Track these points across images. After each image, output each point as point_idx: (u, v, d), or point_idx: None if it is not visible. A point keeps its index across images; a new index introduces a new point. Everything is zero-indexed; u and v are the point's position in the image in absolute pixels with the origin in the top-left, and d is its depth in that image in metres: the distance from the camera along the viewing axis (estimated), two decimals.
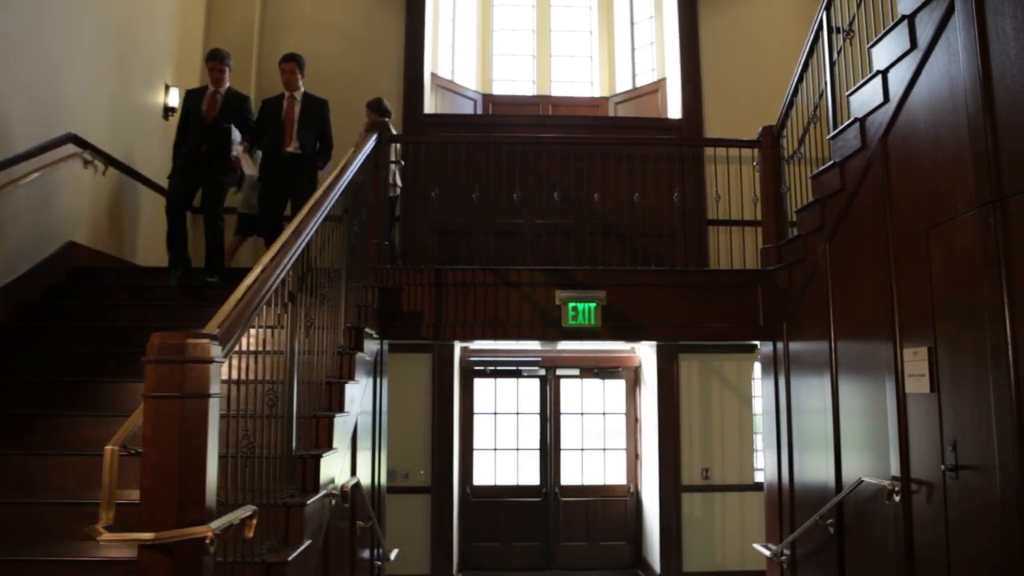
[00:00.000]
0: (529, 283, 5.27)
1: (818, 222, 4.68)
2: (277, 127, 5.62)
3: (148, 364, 2.08)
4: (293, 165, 5.56)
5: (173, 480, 2.02)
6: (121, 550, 2.84)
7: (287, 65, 5.68)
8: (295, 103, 5.69)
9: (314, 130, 5.68)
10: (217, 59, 5.55)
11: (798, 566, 4.99)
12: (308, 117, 5.65)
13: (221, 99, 5.54)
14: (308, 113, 5.66)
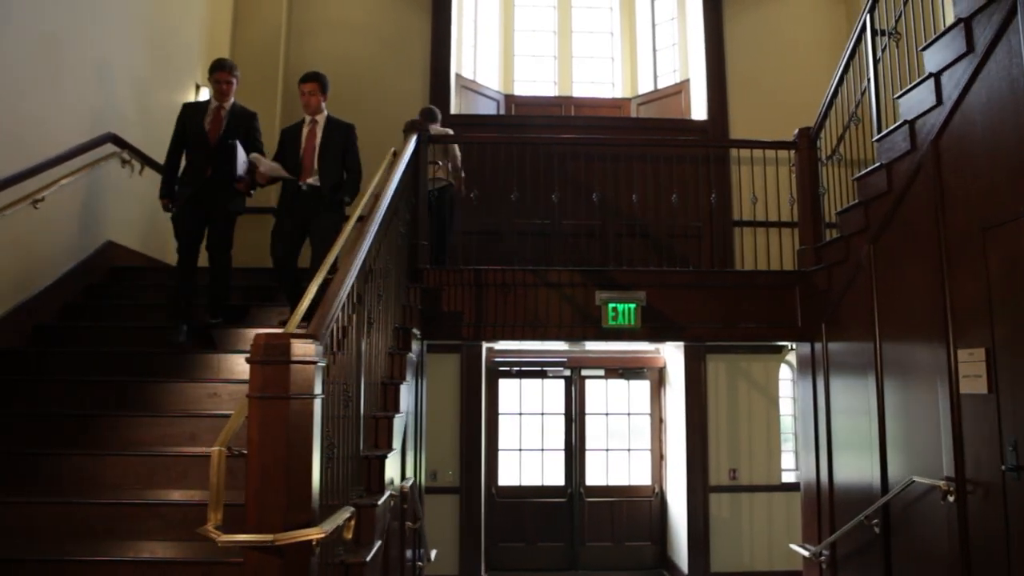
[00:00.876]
0: (569, 283, 5.27)
1: (862, 223, 4.69)
2: (295, 158, 4.84)
3: (253, 365, 2.08)
4: (312, 201, 4.74)
5: (281, 482, 2.02)
6: (184, 551, 2.84)
7: (307, 86, 4.85)
8: (316, 129, 4.89)
9: (338, 159, 4.86)
10: (224, 69, 4.84)
11: (838, 566, 5.00)
12: (331, 144, 4.85)
13: (226, 116, 4.86)
14: (330, 140, 4.86)
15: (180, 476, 3.37)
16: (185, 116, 4.86)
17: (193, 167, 4.77)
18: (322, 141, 4.85)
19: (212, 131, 4.80)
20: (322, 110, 4.94)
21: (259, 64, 7.36)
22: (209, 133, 4.80)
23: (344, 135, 4.91)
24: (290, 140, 4.92)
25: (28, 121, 4.49)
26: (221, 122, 4.85)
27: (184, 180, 4.78)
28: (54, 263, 4.78)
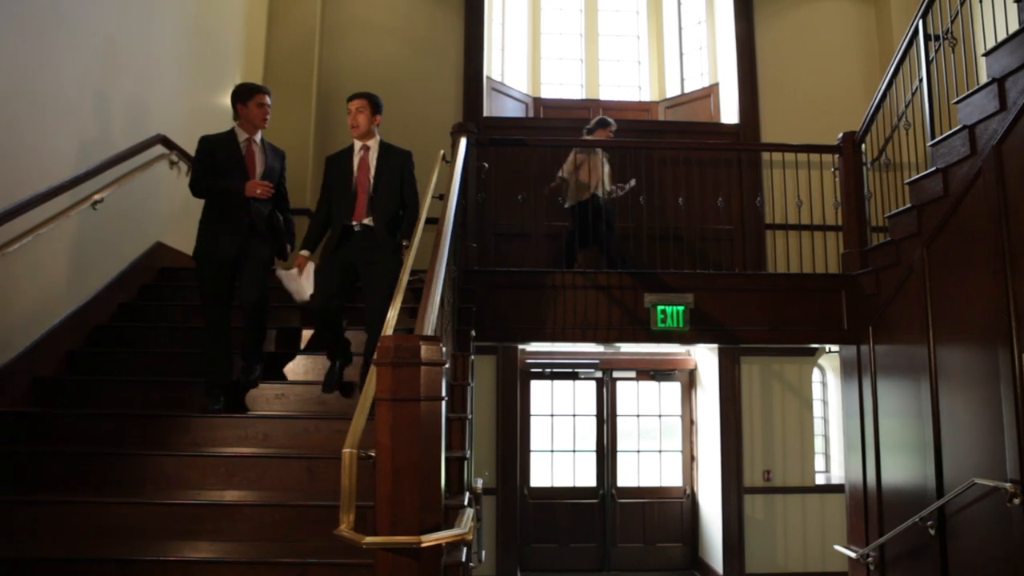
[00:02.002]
0: (618, 286, 5.30)
1: (914, 228, 4.73)
2: (345, 192, 4.12)
3: (383, 367, 2.09)
4: (365, 244, 4.06)
5: (415, 484, 2.04)
6: (279, 551, 2.86)
7: (355, 103, 4.15)
8: (368, 158, 4.18)
9: (394, 194, 4.14)
10: (265, 91, 4.19)
11: (887, 568, 5.03)
12: (386, 176, 4.14)
13: (262, 152, 4.20)
14: (385, 171, 4.15)
15: (259, 476, 3.39)
16: (208, 152, 4.11)
17: (230, 215, 4.04)
18: (376, 173, 4.15)
19: (251, 170, 4.13)
20: (373, 134, 4.21)
21: (294, 65, 7.39)
22: (250, 172, 4.13)
23: (400, 164, 4.20)
24: (338, 173, 4.20)
25: (90, 122, 4.51)
26: (256, 160, 4.16)
27: (219, 229, 4.02)
28: (109, 264, 4.79)
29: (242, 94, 4.15)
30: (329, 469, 3.32)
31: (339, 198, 4.15)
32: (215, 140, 4.16)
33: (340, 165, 4.24)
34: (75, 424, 3.72)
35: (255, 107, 4.14)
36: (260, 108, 4.16)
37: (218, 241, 4.00)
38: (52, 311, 4.19)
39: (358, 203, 4.11)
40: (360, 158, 4.20)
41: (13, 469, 3.42)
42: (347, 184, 4.16)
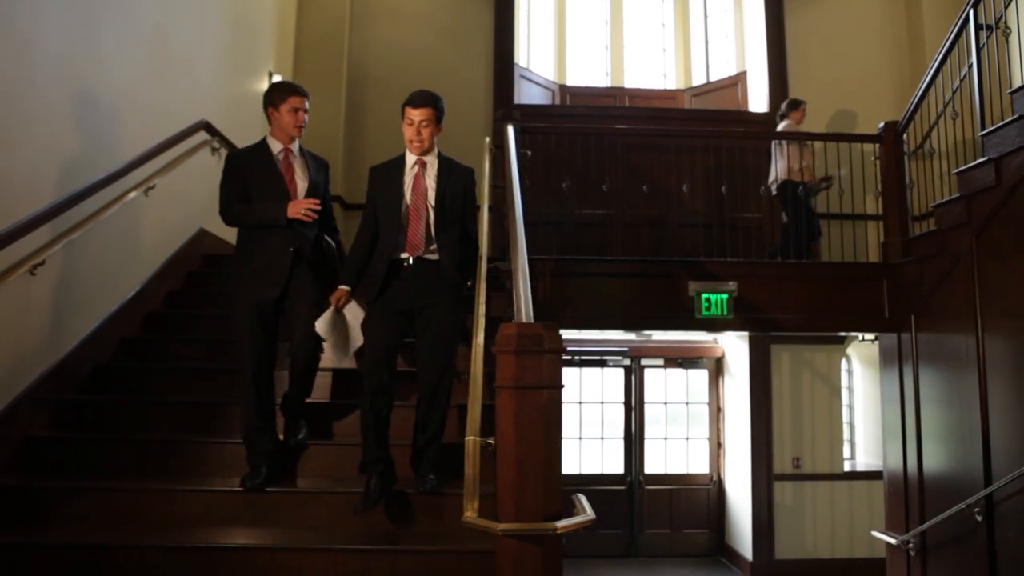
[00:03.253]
0: (663, 274, 5.31)
1: (963, 217, 4.74)
2: (394, 218, 3.32)
3: (505, 355, 2.10)
4: (422, 281, 3.27)
5: (540, 471, 2.06)
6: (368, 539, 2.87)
7: (418, 112, 3.34)
8: (425, 176, 3.38)
9: (457, 221, 3.38)
10: (302, 93, 3.52)
11: (928, 554, 5.08)
12: (448, 200, 3.37)
13: (303, 165, 3.55)
14: (448, 193, 3.37)
15: (332, 464, 3.40)
16: (237, 167, 3.50)
17: (270, 245, 3.37)
18: (438, 196, 3.35)
19: (291, 188, 3.46)
20: (434, 147, 3.43)
21: (323, 52, 7.34)
22: (291, 193, 3.45)
23: (464, 184, 3.45)
24: (388, 193, 3.37)
25: (142, 109, 4.50)
26: (295, 173, 3.51)
27: (259, 264, 3.36)
28: (157, 252, 4.79)
29: (273, 97, 3.47)
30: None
31: (387, 225, 3.33)
32: (245, 155, 3.51)
33: (388, 182, 3.40)
34: (132, 411, 3.73)
35: (288, 113, 3.44)
36: (294, 114, 3.44)
37: (259, 279, 3.32)
38: (109, 298, 4.19)
39: (411, 232, 3.30)
40: (414, 176, 3.37)
41: (74, 455, 3.44)
42: (396, 208, 3.33)
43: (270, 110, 3.49)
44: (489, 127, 7.33)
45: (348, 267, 3.46)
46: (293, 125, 3.47)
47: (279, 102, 3.46)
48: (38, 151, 3.51)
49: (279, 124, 3.48)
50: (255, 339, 3.28)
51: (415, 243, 3.30)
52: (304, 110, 3.49)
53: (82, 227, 3.74)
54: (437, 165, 3.44)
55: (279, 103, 3.46)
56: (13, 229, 3.18)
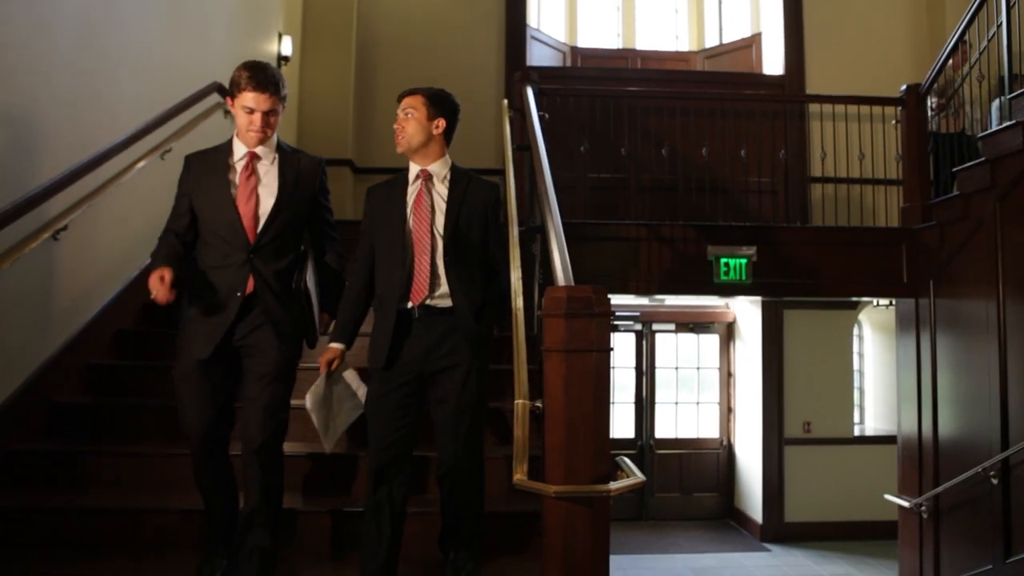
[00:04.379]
0: (681, 238, 5.29)
1: (987, 182, 4.70)
2: (393, 252, 2.61)
3: (553, 318, 2.09)
4: (435, 336, 2.56)
5: (590, 434, 2.05)
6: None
7: (405, 101, 2.71)
8: (430, 194, 2.66)
9: (475, 252, 2.67)
10: (262, 88, 2.52)
11: (942, 516, 5.13)
12: (464, 224, 2.65)
13: (276, 173, 2.62)
14: (463, 216, 2.65)
15: None
16: (191, 179, 2.66)
17: (214, 282, 2.54)
18: (449, 220, 2.61)
19: (249, 207, 2.55)
20: (439, 153, 2.70)
21: (332, 12, 7.19)
22: (243, 214, 2.54)
23: (484, 204, 2.71)
24: (387, 217, 2.65)
25: (157, 71, 4.43)
26: (254, 185, 2.58)
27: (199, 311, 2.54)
28: None
29: (230, 86, 2.58)
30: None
31: (385, 262, 2.61)
32: (199, 159, 2.67)
33: (387, 204, 2.66)
34: (158, 376, 3.72)
35: (241, 112, 2.54)
36: (247, 115, 2.52)
37: (196, 329, 2.52)
38: (131, 263, 4.17)
39: (417, 271, 2.56)
40: (417, 195, 2.63)
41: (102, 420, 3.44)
42: (395, 238, 2.60)
43: (228, 100, 2.63)
44: (501, 89, 7.24)
45: (340, 320, 2.69)
46: (245, 129, 2.55)
47: (234, 93, 2.56)
48: (59, 114, 3.46)
49: (237, 122, 2.60)
50: (195, 410, 2.50)
51: (419, 285, 2.54)
52: (264, 112, 2.51)
53: (103, 191, 3.70)
54: (448, 179, 2.67)
55: (234, 94, 2.56)
56: (37, 193, 3.14)
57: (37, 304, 3.37)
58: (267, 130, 2.56)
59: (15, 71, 3.12)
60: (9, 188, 3.05)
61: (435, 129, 2.69)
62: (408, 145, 2.68)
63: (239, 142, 2.63)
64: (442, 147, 2.73)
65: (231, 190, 2.57)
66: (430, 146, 2.69)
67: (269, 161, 2.63)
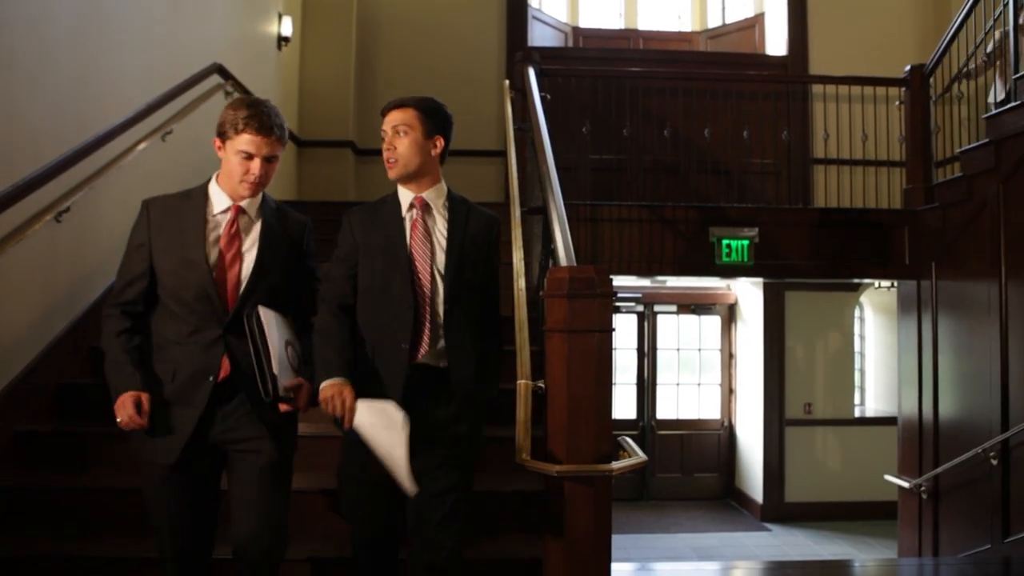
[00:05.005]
0: (683, 220, 5.28)
1: (991, 163, 4.69)
2: (387, 294, 2.22)
3: (556, 299, 2.10)
4: (429, 404, 2.19)
5: (592, 414, 2.07)
6: None
7: (393, 115, 2.27)
8: (426, 227, 2.28)
9: (474, 299, 2.29)
10: (268, 132, 2.13)
11: (941, 497, 5.17)
12: (468, 263, 2.28)
13: (266, 228, 2.22)
14: (466, 253, 2.28)
15: None
16: (154, 227, 2.22)
17: (175, 363, 2.13)
18: (451, 259, 2.23)
19: (230, 267, 2.15)
20: (435, 178, 2.31)
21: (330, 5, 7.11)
22: (219, 280, 2.13)
23: (485, 238, 2.32)
24: (376, 249, 2.24)
25: (157, 50, 4.40)
26: (237, 248, 2.17)
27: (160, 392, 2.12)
28: None
29: (224, 124, 2.14)
30: None
31: (377, 302, 2.22)
32: (167, 209, 2.20)
33: (375, 233, 2.26)
34: None
35: (236, 157, 2.11)
36: (244, 163, 2.11)
37: (155, 427, 2.08)
38: None
39: (424, 319, 2.18)
40: (414, 228, 2.25)
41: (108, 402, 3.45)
42: (388, 277, 2.20)
43: (216, 142, 2.16)
44: (502, 69, 7.20)
45: (332, 350, 2.15)
46: (240, 178, 2.11)
47: (228, 135, 2.11)
48: (60, 94, 3.44)
49: (225, 168, 2.15)
50: (171, 532, 2.10)
51: (419, 338, 2.17)
52: (265, 159, 2.11)
53: (104, 172, 3.69)
54: (447, 208, 2.29)
55: (228, 136, 2.11)
56: (40, 174, 3.13)
57: (40, 286, 3.38)
58: (265, 180, 2.15)
59: (14, 51, 3.11)
60: (11, 170, 3.04)
61: (433, 149, 2.26)
62: (404, 170, 2.23)
63: (220, 191, 2.16)
64: (438, 170, 2.32)
65: (206, 249, 2.10)
66: (426, 169, 2.26)
67: (253, 215, 2.18)
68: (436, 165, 2.31)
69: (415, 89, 3.21)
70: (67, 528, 2.77)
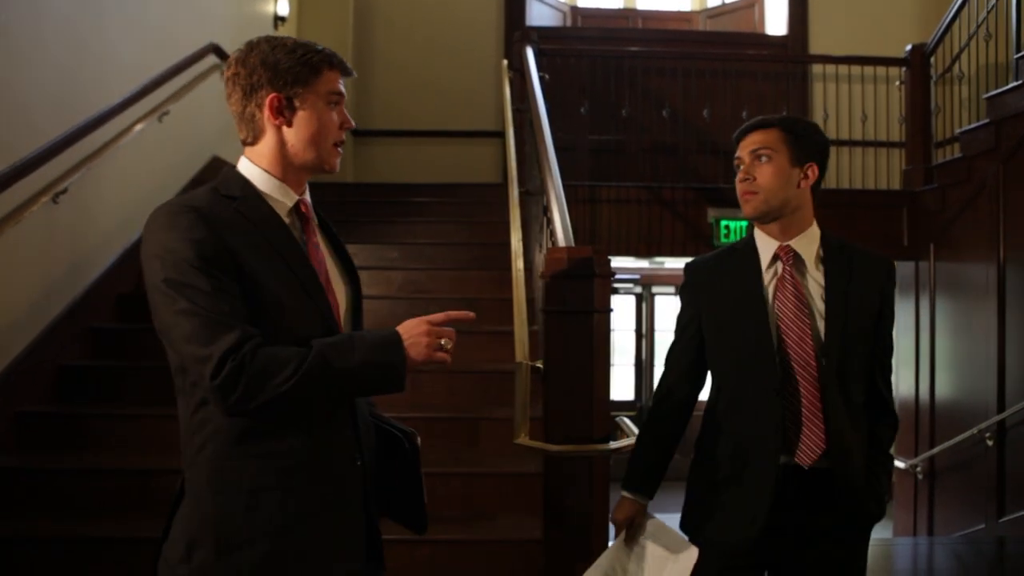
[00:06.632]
0: (682, 201, 5.28)
1: (991, 144, 4.67)
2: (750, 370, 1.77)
3: (554, 280, 2.10)
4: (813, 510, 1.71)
5: (587, 394, 2.08)
6: None
7: (752, 138, 1.77)
8: (798, 286, 1.73)
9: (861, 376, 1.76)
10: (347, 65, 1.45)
11: (936, 477, 5.21)
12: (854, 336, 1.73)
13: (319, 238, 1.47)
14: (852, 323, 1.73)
15: None
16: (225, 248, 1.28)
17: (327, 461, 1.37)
18: (833, 329, 1.70)
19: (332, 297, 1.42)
20: (811, 221, 1.80)
21: None
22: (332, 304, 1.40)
23: (877, 293, 1.77)
24: (727, 314, 1.82)
25: (152, 30, 4.37)
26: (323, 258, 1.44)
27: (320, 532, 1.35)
28: (175, 179, 4.73)
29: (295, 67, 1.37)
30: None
31: (737, 380, 1.82)
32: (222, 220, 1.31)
33: (726, 294, 1.83)
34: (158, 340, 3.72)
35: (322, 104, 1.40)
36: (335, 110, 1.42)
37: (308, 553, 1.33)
38: (130, 226, 4.15)
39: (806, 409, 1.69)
40: (777, 284, 1.75)
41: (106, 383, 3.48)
42: (751, 346, 1.76)
43: (273, 103, 1.37)
44: (500, 49, 7.13)
45: (642, 460, 1.98)
46: (335, 136, 1.43)
47: (305, 77, 1.38)
48: (54, 75, 3.42)
49: (302, 135, 1.39)
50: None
51: (810, 432, 1.68)
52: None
53: (102, 153, 3.68)
54: (823, 257, 1.76)
55: (306, 79, 1.38)
56: (37, 155, 3.12)
57: (39, 267, 3.37)
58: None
59: (9, 32, 3.08)
60: (8, 151, 3.03)
61: (803, 180, 1.76)
62: (766, 205, 1.74)
63: (273, 180, 1.41)
64: (811, 208, 1.80)
65: (310, 263, 1.40)
66: (795, 208, 1.76)
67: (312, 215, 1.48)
68: (809, 203, 1.79)
69: (413, 70, 3.17)
70: (68, 509, 2.79)
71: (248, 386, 1.22)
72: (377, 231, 4.96)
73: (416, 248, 4.65)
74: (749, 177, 1.75)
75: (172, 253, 1.27)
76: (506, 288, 2.65)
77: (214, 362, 1.21)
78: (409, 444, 1.51)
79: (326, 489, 1.34)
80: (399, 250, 4.54)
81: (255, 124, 1.40)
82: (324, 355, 1.25)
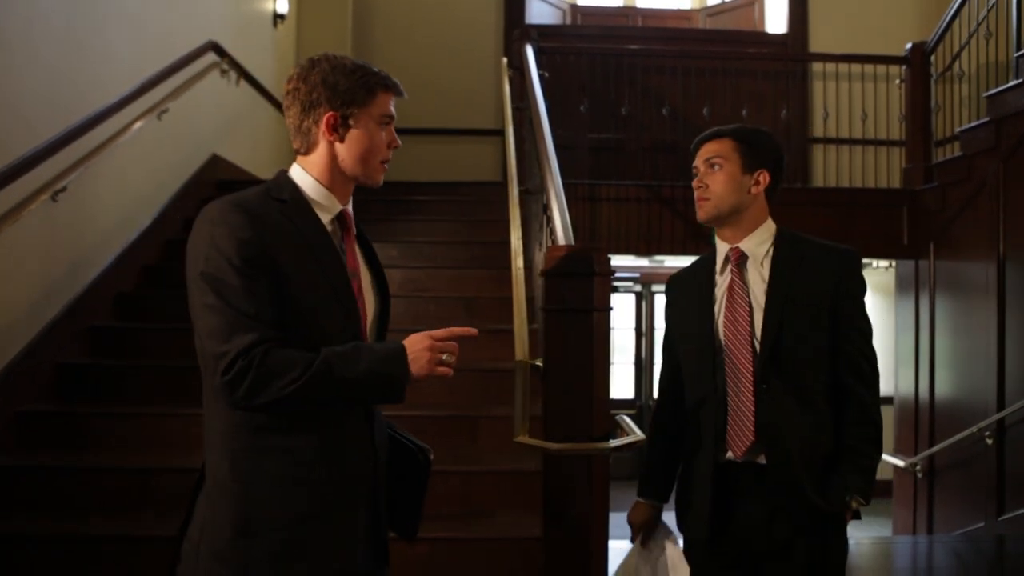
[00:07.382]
0: (682, 199, 5.26)
1: (991, 142, 4.67)
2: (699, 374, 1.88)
3: (554, 278, 2.10)
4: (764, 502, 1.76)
5: (588, 393, 2.07)
6: None
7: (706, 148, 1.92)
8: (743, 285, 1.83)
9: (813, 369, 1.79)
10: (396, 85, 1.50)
11: (936, 475, 5.21)
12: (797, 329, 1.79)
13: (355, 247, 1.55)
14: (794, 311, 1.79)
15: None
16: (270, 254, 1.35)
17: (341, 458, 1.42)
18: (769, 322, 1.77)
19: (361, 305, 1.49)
20: (763, 220, 1.90)
21: None
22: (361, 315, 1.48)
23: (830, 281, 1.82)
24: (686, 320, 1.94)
25: (151, 28, 4.37)
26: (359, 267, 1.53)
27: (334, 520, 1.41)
28: (172, 177, 4.73)
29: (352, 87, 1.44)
30: None
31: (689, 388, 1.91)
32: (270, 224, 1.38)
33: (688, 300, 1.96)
34: (160, 338, 3.73)
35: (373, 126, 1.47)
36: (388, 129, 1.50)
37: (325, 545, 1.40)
38: (129, 225, 4.16)
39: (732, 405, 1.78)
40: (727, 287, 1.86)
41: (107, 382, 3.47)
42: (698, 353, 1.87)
43: (329, 118, 1.44)
44: (500, 47, 7.13)
45: (648, 464, 2.03)
46: (383, 154, 1.50)
47: (361, 98, 1.44)
48: (52, 73, 3.41)
49: (353, 151, 1.46)
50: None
51: (737, 426, 1.76)
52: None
53: (100, 152, 3.68)
54: (770, 255, 1.85)
55: (362, 100, 1.44)
56: (35, 153, 3.12)
57: (38, 266, 3.37)
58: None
59: (6, 29, 3.08)
60: (6, 149, 3.02)
61: (754, 186, 1.85)
62: (717, 210, 1.86)
63: (322, 188, 1.47)
64: (764, 211, 1.89)
65: (346, 273, 1.47)
66: (746, 212, 1.86)
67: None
68: (761, 205, 1.89)
69: (413, 68, 3.18)
70: (68, 508, 2.78)
71: (252, 386, 1.30)
72: (377, 229, 4.94)
73: (416, 246, 4.64)
74: (702, 184, 1.88)
75: (215, 249, 1.35)
76: (506, 286, 2.65)
77: (227, 359, 1.30)
78: (423, 458, 1.59)
79: (341, 485, 1.41)
80: (399, 248, 4.53)
81: (310, 137, 1.47)
82: (330, 363, 1.33)
